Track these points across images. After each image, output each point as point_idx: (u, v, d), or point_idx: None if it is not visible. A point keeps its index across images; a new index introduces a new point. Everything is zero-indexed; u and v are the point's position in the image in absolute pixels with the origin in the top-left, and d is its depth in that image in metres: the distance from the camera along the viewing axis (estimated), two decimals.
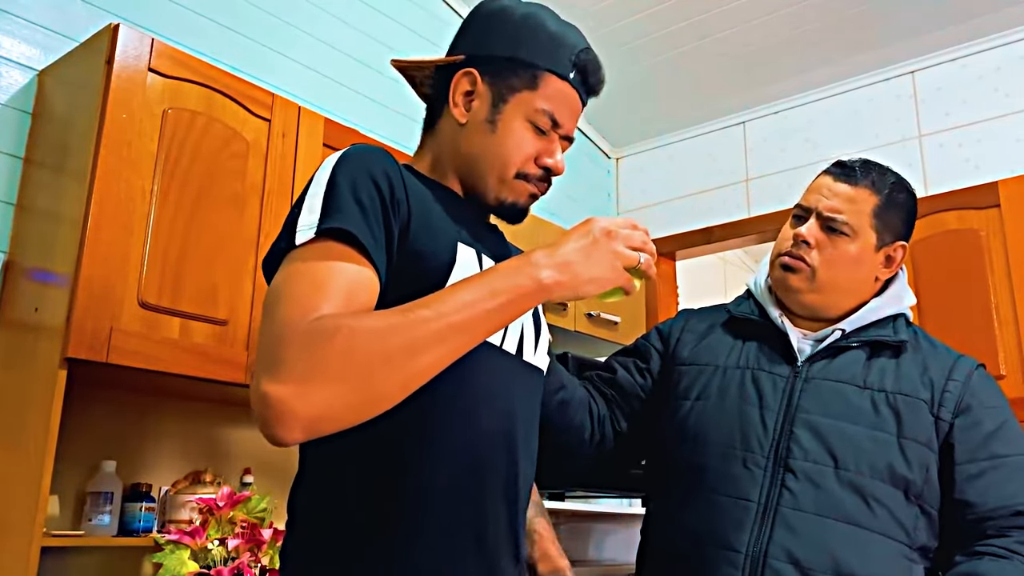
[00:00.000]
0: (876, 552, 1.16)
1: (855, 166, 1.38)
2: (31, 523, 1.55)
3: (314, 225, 0.85)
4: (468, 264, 0.97)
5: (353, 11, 2.80)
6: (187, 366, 1.77)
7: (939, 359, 1.30)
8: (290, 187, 2.06)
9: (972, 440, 1.23)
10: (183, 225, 1.82)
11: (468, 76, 1.05)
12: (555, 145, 1.06)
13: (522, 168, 1.04)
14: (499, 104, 1.03)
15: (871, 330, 1.31)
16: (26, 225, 1.88)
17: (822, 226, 1.31)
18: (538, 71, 1.03)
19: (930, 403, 1.24)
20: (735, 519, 1.19)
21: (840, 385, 1.26)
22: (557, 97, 1.04)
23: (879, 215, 1.32)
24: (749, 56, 3.29)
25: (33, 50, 1.99)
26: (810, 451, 1.20)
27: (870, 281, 1.34)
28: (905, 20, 3.01)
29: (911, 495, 1.20)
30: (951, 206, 2.69)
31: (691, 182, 3.66)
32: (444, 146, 1.08)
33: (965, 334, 2.55)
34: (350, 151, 0.95)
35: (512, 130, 1.03)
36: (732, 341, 1.37)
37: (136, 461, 2.00)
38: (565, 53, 1.05)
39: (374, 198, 0.89)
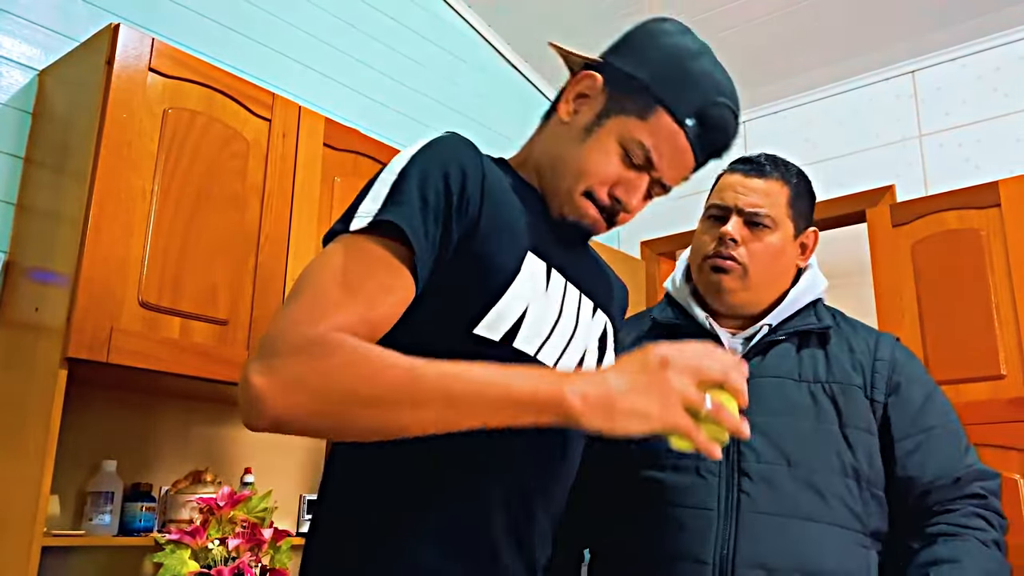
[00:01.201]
0: (835, 544, 1.18)
1: (762, 160, 1.36)
2: (32, 523, 1.55)
3: (371, 214, 0.83)
4: (534, 277, 0.92)
5: (353, 11, 2.80)
6: (187, 366, 1.77)
7: (861, 339, 1.32)
8: (290, 187, 2.06)
9: (905, 416, 1.25)
10: (183, 225, 1.82)
11: (589, 79, 0.99)
12: (639, 183, 0.98)
13: (593, 188, 0.96)
14: (603, 117, 0.97)
15: (795, 320, 1.32)
16: (26, 225, 1.88)
17: (744, 222, 1.31)
18: (654, 103, 0.95)
19: (863, 387, 1.26)
20: (697, 529, 1.18)
21: (778, 381, 1.26)
22: (662, 137, 0.96)
23: (792, 204, 1.33)
24: (749, 56, 3.29)
25: (33, 50, 1.99)
26: (762, 453, 1.21)
27: (791, 271, 1.36)
28: (905, 20, 3.01)
29: (861, 481, 1.22)
30: (951, 206, 2.69)
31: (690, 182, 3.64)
32: (541, 140, 1.04)
33: (965, 334, 2.56)
34: (435, 140, 0.90)
35: (601, 147, 0.96)
36: None
37: (137, 461, 2.00)
38: (694, 98, 0.96)
39: (440, 195, 0.85)
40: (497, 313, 0.88)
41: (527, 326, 0.91)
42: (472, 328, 0.87)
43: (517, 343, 0.90)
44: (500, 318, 0.88)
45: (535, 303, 0.92)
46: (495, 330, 0.88)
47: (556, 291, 0.96)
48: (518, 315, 0.90)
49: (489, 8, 3.21)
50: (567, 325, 0.96)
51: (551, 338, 0.94)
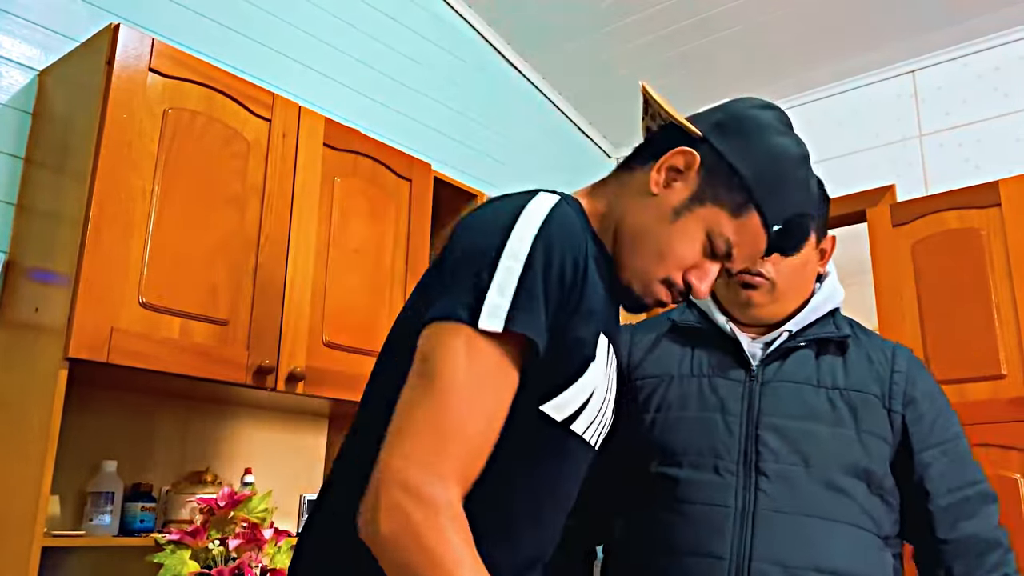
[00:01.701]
0: (852, 544, 1.21)
1: None
2: (32, 523, 1.55)
3: (502, 312, 0.81)
4: (602, 361, 0.94)
5: (353, 11, 2.79)
6: (187, 366, 1.77)
7: (879, 350, 1.35)
8: (290, 187, 2.06)
9: (922, 429, 1.29)
10: (183, 225, 1.82)
11: (687, 157, 0.97)
12: (713, 270, 0.99)
13: (672, 276, 0.97)
14: (695, 202, 0.96)
15: (814, 328, 1.34)
16: (27, 225, 1.88)
17: None
18: (750, 204, 0.96)
19: (881, 397, 1.29)
20: (714, 526, 1.21)
21: (796, 386, 1.29)
22: (749, 236, 0.97)
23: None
24: (749, 56, 3.29)
25: (33, 50, 1.99)
26: (779, 453, 1.23)
27: (813, 279, 1.39)
28: (905, 20, 3.01)
29: (873, 487, 1.25)
30: (951, 206, 2.69)
31: None
32: (622, 201, 1.00)
33: (965, 334, 2.56)
34: (552, 218, 0.88)
35: (688, 233, 0.96)
36: (681, 349, 1.38)
37: (137, 461, 2.00)
38: (788, 207, 0.98)
39: (561, 290, 0.86)
40: (567, 397, 0.91)
41: (588, 410, 0.94)
42: (540, 404, 0.89)
43: (574, 426, 0.93)
44: (568, 403, 0.91)
45: (599, 388, 0.95)
46: (561, 412, 0.91)
47: (609, 370, 0.98)
48: (584, 401, 0.92)
49: (489, 8, 3.21)
50: (608, 402, 1.00)
51: (596, 417, 0.97)
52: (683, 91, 3.54)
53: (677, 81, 3.48)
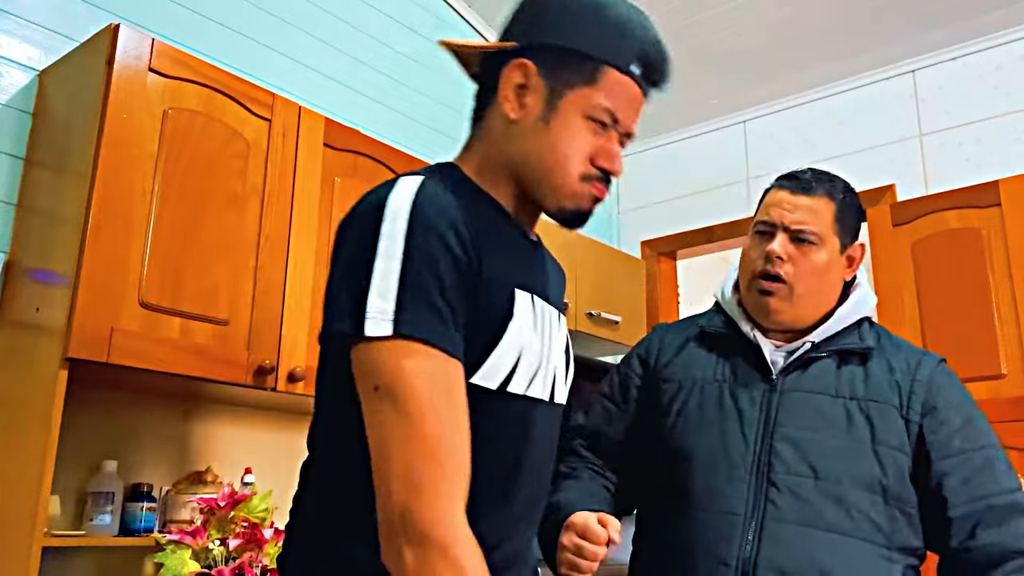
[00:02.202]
0: (856, 556, 1.21)
1: (807, 177, 1.39)
2: (32, 523, 1.55)
3: (389, 317, 0.81)
4: (524, 317, 0.92)
5: (353, 11, 2.80)
6: (188, 366, 1.77)
7: (902, 359, 1.34)
8: (290, 187, 2.06)
9: (941, 438, 1.27)
10: (183, 225, 1.82)
11: (521, 68, 0.96)
12: (613, 144, 0.98)
13: (582, 170, 0.96)
14: (555, 100, 0.95)
15: (838, 339, 1.34)
16: (27, 225, 1.88)
17: (791, 239, 1.34)
18: (598, 64, 0.95)
19: (899, 407, 1.28)
20: (723, 532, 1.23)
21: (814, 396, 1.30)
22: (618, 92, 0.96)
23: (839, 220, 1.36)
24: (749, 55, 3.29)
25: (33, 50, 1.99)
26: (791, 464, 1.25)
27: (838, 286, 1.38)
28: (905, 19, 3.01)
29: (889, 498, 1.24)
30: (952, 205, 2.69)
31: (691, 182, 3.66)
32: (494, 146, 0.99)
33: (966, 333, 2.55)
34: (418, 205, 0.86)
35: (569, 128, 0.95)
36: (707, 355, 1.40)
37: (137, 461, 2.00)
38: (629, 45, 0.97)
39: (453, 278, 0.84)
40: (493, 363, 0.89)
41: (521, 368, 0.92)
42: (468, 379, 0.87)
43: (511, 388, 0.91)
44: (496, 368, 0.89)
45: (527, 344, 0.92)
46: (492, 379, 0.89)
47: (541, 321, 0.96)
48: (513, 362, 0.90)
49: (489, 8, 3.21)
50: (547, 352, 0.97)
51: (538, 372, 0.95)
52: (682, 91, 3.54)
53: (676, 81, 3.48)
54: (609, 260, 3.29)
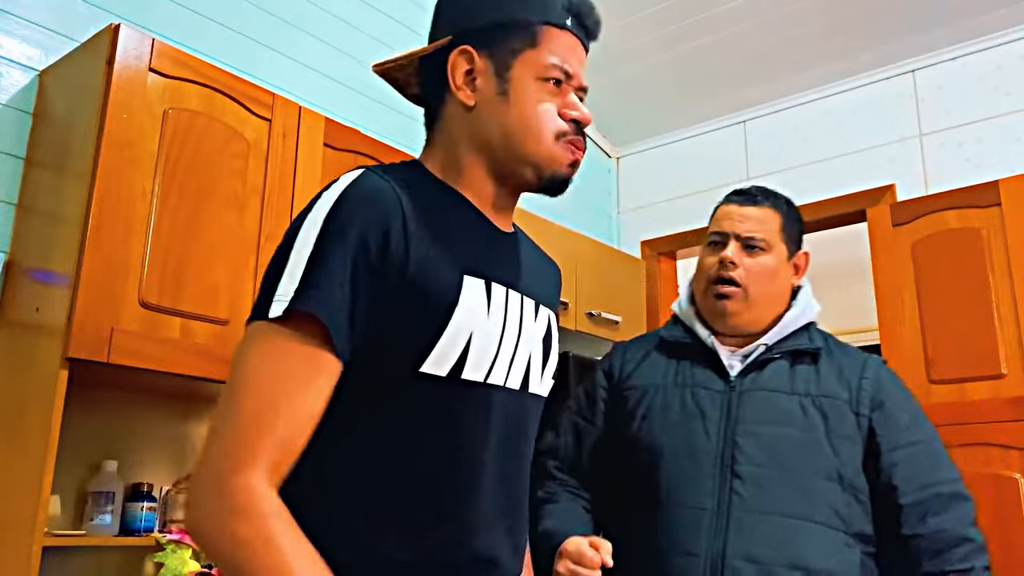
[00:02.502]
0: (819, 541, 1.29)
1: (753, 192, 1.52)
2: (32, 523, 1.55)
3: (287, 297, 0.82)
4: (473, 302, 0.91)
5: (353, 11, 2.80)
6: (188, 366, 1.77)
7: (850, 361, 1.45)
8: (290, 187, 2.06)
9: (891, 431, 1.38)
10: (184, 225, 1.82)
11: (464, 54, 0.98)
12: (573, 97, 1.00)
13: (555, 128, 0.97)
14: (505, 72, 0.97)
15: (789, 341, 1.45)
16: (27, 225, 1.88)
17: (742, 246, 1.47)
18: (535, 26, 0.98)
19: (850, 402, 1.39)
20: (692, 525, 1.30)
21: (771, 394, 1.39)
22: (561, 48, 0.99)
23: (784, 229, 1.50)
24: (749, 55, 3.29)
25: (34, 50, 1.99)
26: (753, 456, 1.33)
27: (787, 291, 1.50)
28: (906, 19, 3.01)
29: (845, 486, 1.33)
30: (952, 205, 2.69)
31: (691, 182, 3.66)
32: (457, 138, 1.00)
33: (965, 333, 2.56)
34: (345, 195, 0.88)
35: (527, 94, 0.97)
36: (667, 362, 1.49)
37: (137, 461, 2.00)
38: (556, 1, 0.99)
39: (360, 263, 0.85)
40: (441, 350, 0.89)
41: (473, 355, 0.91)
42: (418, 368, 0.88)
43: (465, 374, 0.91)
44: (444, 355, 0.89)
45: (478, 329, 0.91)
46: (441, 367, 0.89)
47: (498, 307, 0.95)
48: (462, 348, 0.90)
49: None
50: (511, 339, 0.96)
51: (498, 358, 0.94)
52: (682, 91, 3.54)
53: (676, 81, 3.49)
54: (609, 260, 3.29)
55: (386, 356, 0.88)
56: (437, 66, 1.00)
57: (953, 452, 1.45)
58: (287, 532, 0.78)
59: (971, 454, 2.47)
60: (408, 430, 0.90)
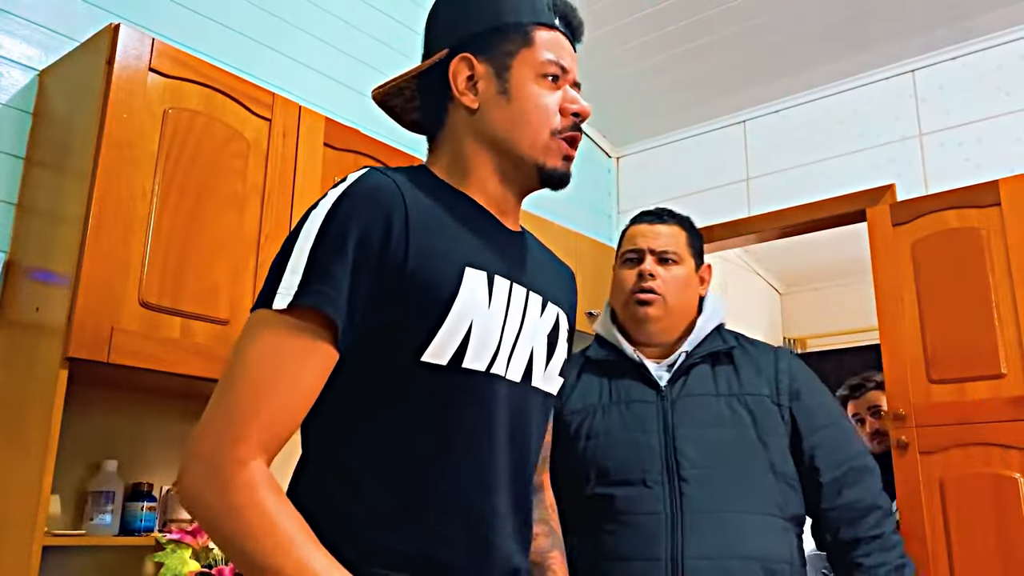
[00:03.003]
0: (762, 530, 1.39)
1: (660, 212, 1.66)
2: (32, 522, 1.55)
3: (292, 290, 0.85)
4: (475, 293, 0.93)
5: (353, 11, 2.80)
6: (188, 366, 1.77)
7: (763, 355, 1.56)
8: (291, 187, 2.06)
9: (809, 417, 1.50)
10: (184, 225, 1.82)
11: (464, 61, 1.02)
12: (568, 92, 1.04)
13: (553, 125, 1.02)
14: (504, 73, 1.01)
15: (705, 344, 1.56)
16: (27, 225, 1.88)
17: (657, 260, 1.59)
18: (527, 27, 1.03)
19: (772, 395, 1.50)
20: (649, 532, 1.38)
21: (700, 398, 1.49)
22: (554, 45, 1.04)
23: (691, 244, 1.63)
24: (749, 55, 3.29)
25: (34, 50, 1.99)
26: (695, 460, 1.42)
27: (696, 299, 1.62)
28: (906, 19, 3.01)
29: (777, 475, 1.44)
30: (951, 205, 2.69)
31: (691, 182, 3.66)
32: (462, 139, 1.03)
33: (965, 333, 2.56)
34: (348, 191, 0.92)
35: (527, 91, 1.01)
36: (599, 381, 1.57)
37: (137, 461, 2.00)
38: (542, 3, 1.05)
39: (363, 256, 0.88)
40: (441, 339, 0.90)
41: (473, 344, 0.93)
42: (419, 357, 0.90)
43: (466, 363, 0.92)
44: (444, 344, 0.91)
45: (478, 319, 0.93)
46: (441, 356, 0.91)
47: (500, 299, 0.97)
48: (462, 337, 0.92)
49: None
50: (512, 331, 0.98)
51: (500, 349, 0.96)
52: (682, 91, 3.54)
53: (676, 81, 3.49)
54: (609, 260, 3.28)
55: (389, 347, 0.90)
56: (437, 79, 1.04)
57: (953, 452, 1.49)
58: (278, 502, 0.81)
59: (971, 454, 2.47)
60: (412, 420, 0.92)
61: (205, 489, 0.81)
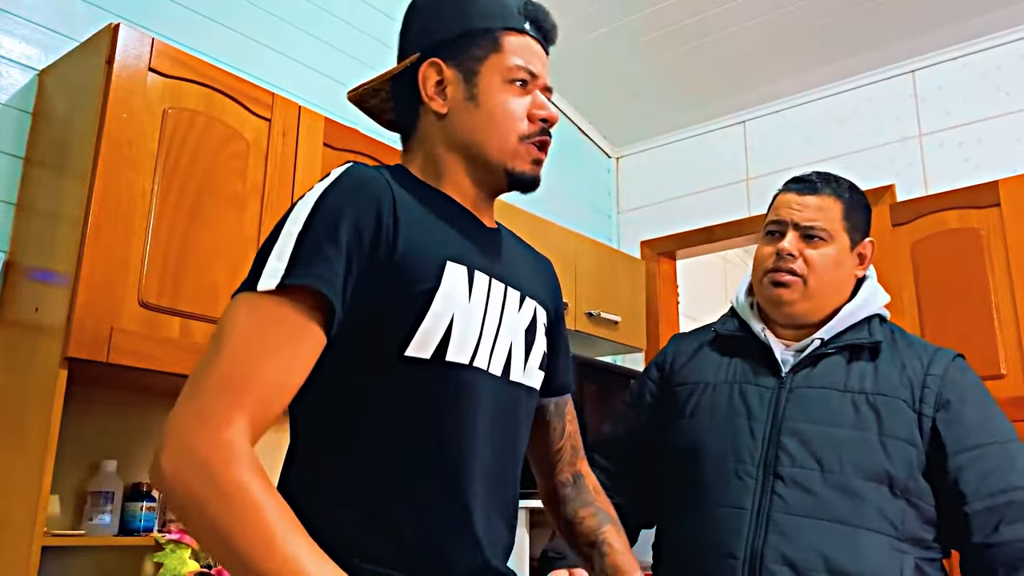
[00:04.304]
0: (865, 547, 1.22)
1: (813, 179, 1.45)
2: (32, 523, 1.55)
3: (279, 274, 0.84)
4: (455, 287, 0.94)
5: (353, 11, 2.80)
6: (187, 366, 1.77)
7: (916, 356, 1.36)
8: (290, 187, 2.06)
9: (957, 433, 1.28)
10: (183, 225, 1.82)
11: (433, 66, 1.03)
12: (537, 96, 1.04)
13: (521, 130, 1.02)
14: (472, 78, 1.02)
15: (847, 335, 1.37)
16: (26, 225, 1.88)
17: (801, 236, 1.40)
18: (496, 32, 1.03)
19: (911, 401, 1.30)
20: (731, 527, 1.27)
21: (823, 391, 1.33)
22: (523, 50, 1.04)
23: (847, 217, 1.41)
24: (749, 55, 3.29)
25: (33, 50, 1.99)
26: (797, 457, 1.28)
27: (850, 281, 1.42)
28: (905, 19, 3.01)
29: (896, 489, 1.26)
30: (951, 205, 2.69)
31: (691, 182, 3.66)
32: (434, 143, 1.04)
33: (965, 333, 2.56)
34: (338, 180, 0.92)
35: (495, 96, 1.01)
36: (719, 358, 1.44)
37: (137, 461, 2.00)
38: (512, 9, 1.05)
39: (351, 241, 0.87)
40: (423, 333, 0.91)
41: (455, 337, 0.93)
42: (403, 352, 0.90)
43: (449, 356, 0.93)
44: (427, 337, 0.91)
45: (459, 313, 0.94)
46: (425, 349, 0.91)
47: (479, 293, 0.98)
48: (444, 330, 0.92)
49: None
50: (491, 325, 0.99)
51: (481, 342, 0.96)
52: (682, 92, 3.54)
53: (676, 81, 3.49)
54: (609, 260, 3.29)
55: (372, 341, 0.90)
56: (408, 83, 1.05)
57: None
58: (265, 490, 0.78)
59: None
60: (397, 414, 0.92)
61: (187, 473, 0.77)
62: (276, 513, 0.77)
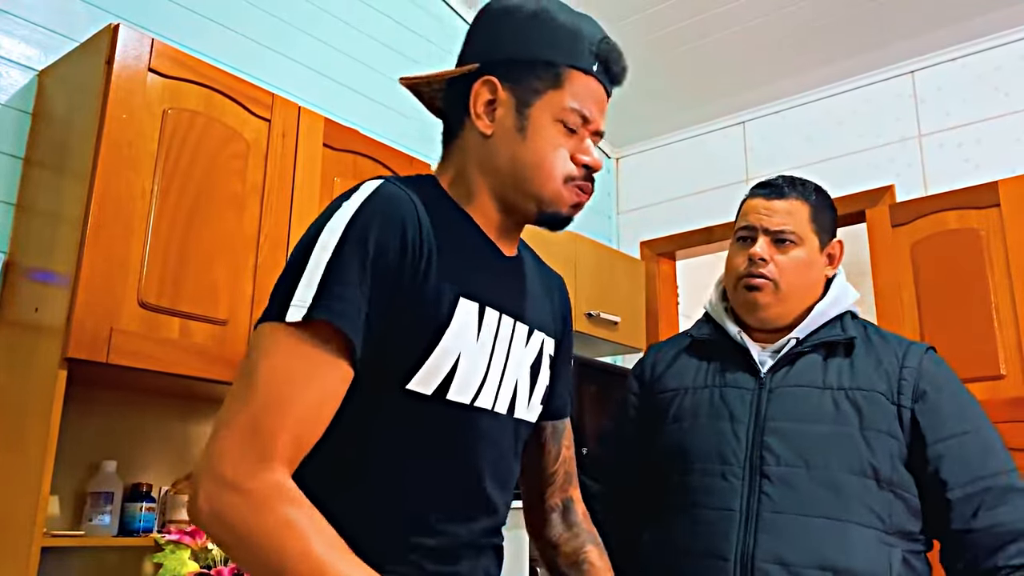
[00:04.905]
0: (854, 541, 1.24)
1: (779, 183, 1.46)
2: (31, 523, 1.55)
3: (306, 303, 0.83)
4: (466, 325, 0.93)
5: (353, 11, 2.80)
6: (187, 366, 1.77)
7: (890, 350, 1.38)
8: (290, 187, 2.06)
9: (935, 422, 1.31)
10: (183, 225, 1.82)
11: (488, 85, 0.99)
12: (587, 142, 1.01)
13: (565, 171, 0.98)
14: (524, 109, 0.98)
15: (821, 332, 1.40)
16: (26, 225, 1.88)
17: (772, 241, 1.41)
18: (560, 68, 0.98)
19: (889, 393, 1.32)
20: (721, 529, 1.28)
21: (802, 389, 1.35)
22: (583, 93, 0.99)
23: (815, 219, 1.43)
24: (749, 56, 3.29)
25: (33, 50, 1.99)
26: (782, 456, 1.29)
27: (820, 282, 1.44)
28: (905, 20, 3.01)
29: (881, 482, 1.27)
30: (951, 206, 2.69)
31: (691, 182, 3.66)
32: (470, 161, 1.01)
33: (965, 334, 2.56)
34: (366, 204, 0.89)
35: (543, 134, 0.98)
36: (698, 362, 1.46)
37: (136, 461, 2.00)
38: (584, 46, 1.00)
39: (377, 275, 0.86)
40: (428, 369, 0.90)
41: (459, 377, 0.92)
42: (405, 384, 0.89)
43: (451, 395, 0.92)
44: (431, 373, 0.90)
45: (466, 352, 0.93)
46: (427, 385, 0.90)
47: (488, 332, 0.97)
48: (449, 368, 0.91)
49: None
50: (498, 364, 0.98)
51: (486, 382, 0.96)
52: (682, 92, 3.54)
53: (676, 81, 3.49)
54: (609, 260, 3.29)
55: (377, 369, 0.89)
56: (461, 90, 1.01)
57: None
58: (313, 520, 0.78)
59: None
60: (391, 445, 0.91)
61: (232, 510, 0.77)
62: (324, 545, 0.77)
